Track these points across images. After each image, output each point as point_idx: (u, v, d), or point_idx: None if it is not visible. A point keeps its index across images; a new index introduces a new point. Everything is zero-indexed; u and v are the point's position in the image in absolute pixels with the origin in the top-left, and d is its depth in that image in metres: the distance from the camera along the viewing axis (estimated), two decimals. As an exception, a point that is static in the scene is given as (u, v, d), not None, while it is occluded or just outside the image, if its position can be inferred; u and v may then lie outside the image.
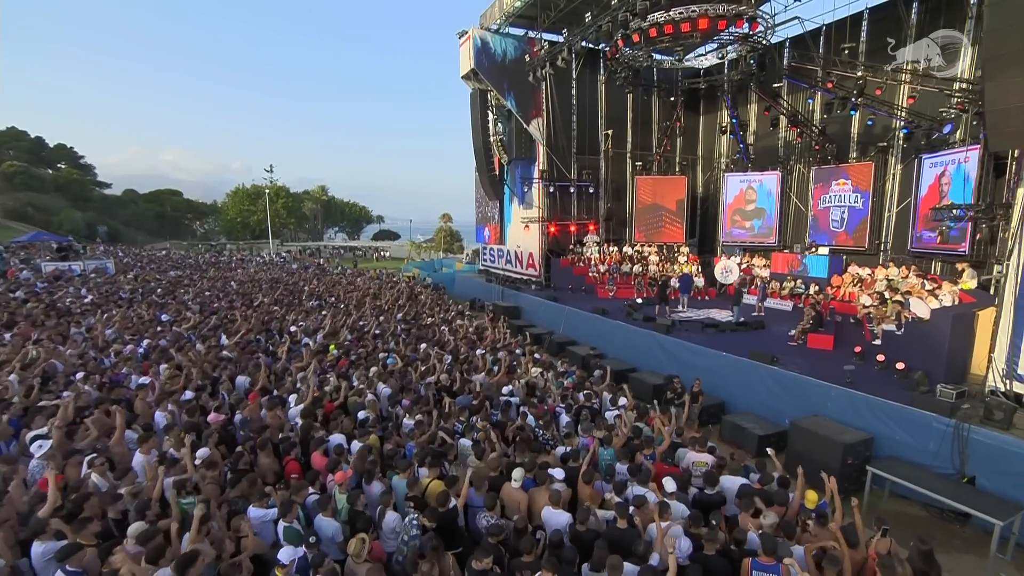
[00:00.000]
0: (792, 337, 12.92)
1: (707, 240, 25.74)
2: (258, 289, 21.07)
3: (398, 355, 11.40)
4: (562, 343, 16.52)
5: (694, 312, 17.21)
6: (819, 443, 8.36)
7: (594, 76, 23.66)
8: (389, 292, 22.38)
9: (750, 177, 22.39)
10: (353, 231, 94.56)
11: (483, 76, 22.05)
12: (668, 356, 13.26)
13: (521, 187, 23.90)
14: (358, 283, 25.66)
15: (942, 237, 12.32)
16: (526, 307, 21.40)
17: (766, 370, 10.78)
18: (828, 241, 19.89)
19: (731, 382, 11.36)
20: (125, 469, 5.16)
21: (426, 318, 16.97)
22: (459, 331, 14.42)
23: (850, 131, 19.65)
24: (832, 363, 11.08)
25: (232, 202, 71.95)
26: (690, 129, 25.33)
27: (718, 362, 11.89)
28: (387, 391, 8.91)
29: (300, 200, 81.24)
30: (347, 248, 70.91)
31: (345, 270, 33.74)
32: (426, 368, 10.48)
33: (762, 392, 10.72)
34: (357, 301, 19.18)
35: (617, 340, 15.26)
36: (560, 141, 22.98)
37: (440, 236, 78.72)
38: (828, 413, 9.35)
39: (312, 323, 14.61)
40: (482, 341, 13.67)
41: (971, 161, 15.26)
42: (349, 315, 15.89)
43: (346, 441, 6.91)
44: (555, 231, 23.64)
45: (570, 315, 17.95)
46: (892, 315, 11.18)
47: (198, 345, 10.73)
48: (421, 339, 13.38)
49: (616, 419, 8.22)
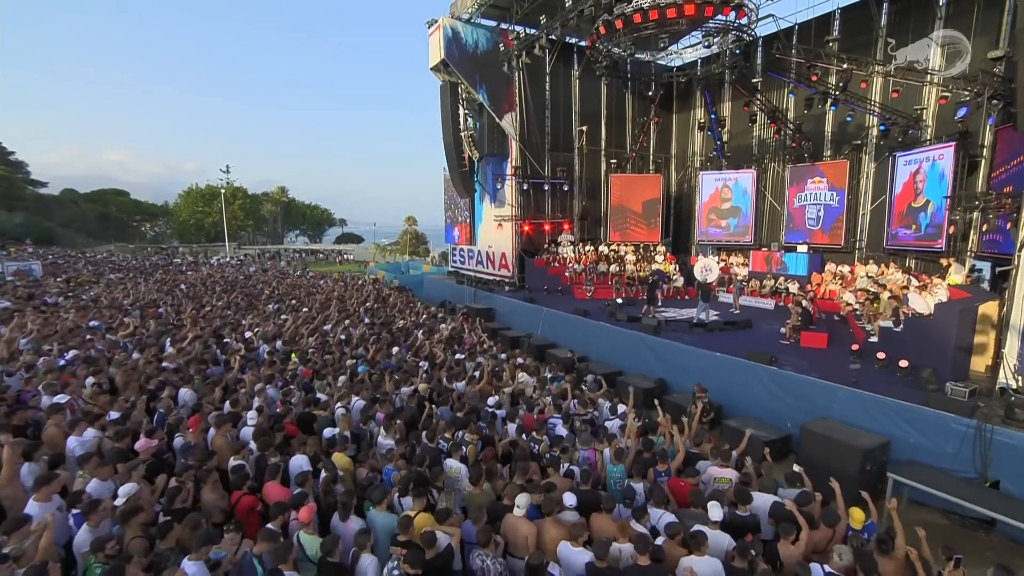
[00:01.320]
0: (784, 336, 12.46)
1: (681, 239, 25.48)
2: (211, 292, 19.36)
3: (368, 362, 10.28)
4: (542, 346, 15.65)
5: (677, 312, 16.68)
6: (834, 448, 7.76)
7: (568, 71, 23.02)
8: (355, 294, 21.05)
9: (725, 175, 22.19)
10: (315, 234, 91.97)
11: (454, 68, 21.05)
12: (657, 358, 12.58)
13: (493, 184, 22.99)
14: (321, 285, 24.14)
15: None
16: (500, 309, 20.47)
17: (765, 371, 10.20)
18: (805, 239, 19.83)
19: (728, 384, 10.74)
20: (16, 520, 3.92)
21: (397, 321, 15.81)
22: (434, 334, 13.35)
23: (824, 129, 19.68)
24: (829, 362, 10.63)
25: (185, 203, 68.21)
26: (663, 127, 25.01)
27: (712, 363, 11.27)
28: (359, 404, 7.81)
29: (259, 202, 78.03)
30: (309, 251, 68.70)
31: (307, 272, 32.02)
32: (400, 376, 9.41)
33: (762, 394, 10.13)
34: (321, 304, 17.81)
35: (601, 342, 14.51)
36: (534, 137, 22.19)
37: (405, 239, 77.11)
38: (834, 415, 8.80)
39: (271, 328, 13.25)
40: (460, 345, 12.66)
41: (945, 158, 15.33)
42: (312, 319, 14.59)
43: (311, 465, 5.82)
44: (529, 230, 22.83)
45: (549, 317, 17.12)
46: (887, 311, 10.82)
47: (135, 355, 9.28)
48: (393, 344, 12.26)
49: (620, 430, 7.40)
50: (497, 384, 9.07)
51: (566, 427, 7.62)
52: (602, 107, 23.99)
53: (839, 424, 8.32)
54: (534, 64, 21.46)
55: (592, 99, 23.73)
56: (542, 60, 21.87)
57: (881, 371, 9.83)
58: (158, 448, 5.52)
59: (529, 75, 21.45)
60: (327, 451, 6.21)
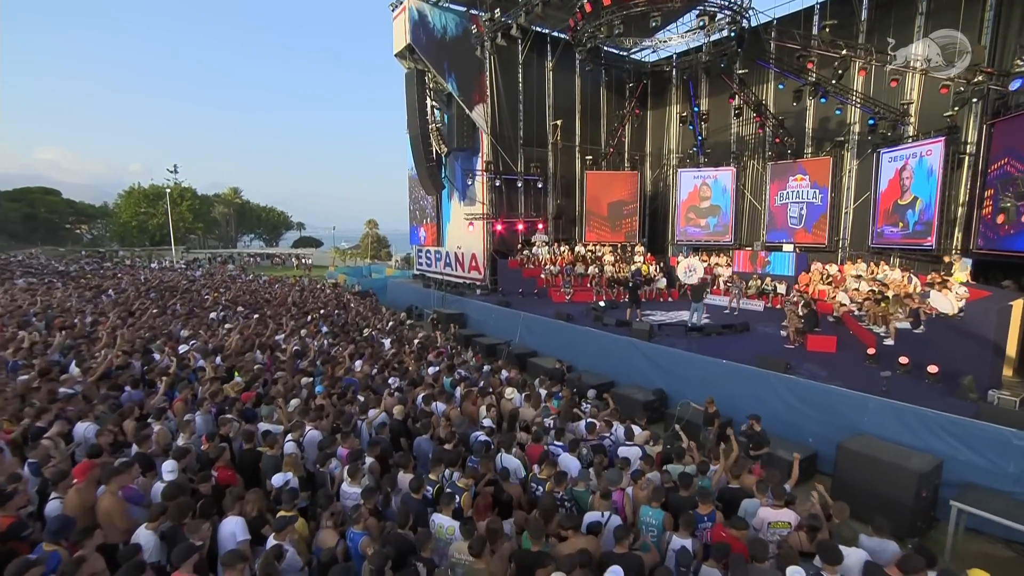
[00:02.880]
0: (788, 339, 11.52)
1: (657, 239, 24.67)
2: (145, 299, 17.02)
3: (328, 379, 8.62)
4: (522, 355, 14.27)
5: (665, 315, 15.65)
6: (880, 471, 6.69)
7: (542, 62, 21.84)
8: (312, 300, 19.11)
9: (704, 173, 21.49)
10: (271, 238, 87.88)
11: (420, 54, 19.54)
12: (654, 367, 11.40)
13: (463, 180, 21.51)
14: (276, 291, 21.99)
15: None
16: (473, 314, 18.99)
17: (780, 380, 9.16)
18: (787, 238, 19.28)
19: (736, 395, 9.64)
20: None
21: (361, 329, 14.10)
22: (405, 344, 11.76)
23: (805, 126, 19.22)
24: (845, 368, 9.70)
25: (126, 204, 63.15)
26: (638, 125, 24.18)
27: (717, 372, 10.16)
28: (314, 435, 6.21)
29: (209, 204, 73.60)
30: (264, 255, 65.28)
31: (260, 277, 29.57)
32: (367, 396, 7.83)
33: (777, 406, 9.07)
34: (273, 312, 15.85)
35: (588, 349, 13.25)
36: (506, 131, 20.87)
37: (366, 242, 74.58)
38: (867, 430, 7.79)
39: (212, 340, 11.33)
40: (436, 356, 11.11)
41: (934, 154, 14.93)
42: (265, 328, 12.72)
43: (247, 530, 4.23)
44: (501, 229, 21.46)
45: (528, 322, 15.76)
46: (900, 312, 10.00)
47: (22, 376, 7.31)
48: (357, 356, 10.61)
49: (642, 460, 6.10)
50: (484, 403, 7.61)
51: (573, 456, 6.27)
52: (576, 101, 22.97)
53: (880, 442, 7.28)
54: (507, 53, 20.19)
55: (567, 93, 22.66)
56: (515, 50, 20.63)
57: (906, 377, 8.94)
58: (11, 523, 3.76)
59: (501, 65, 20.15)
60: (274, 508, 4.63)
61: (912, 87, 16.04)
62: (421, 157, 20.82)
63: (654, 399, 10.60)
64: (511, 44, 20.35)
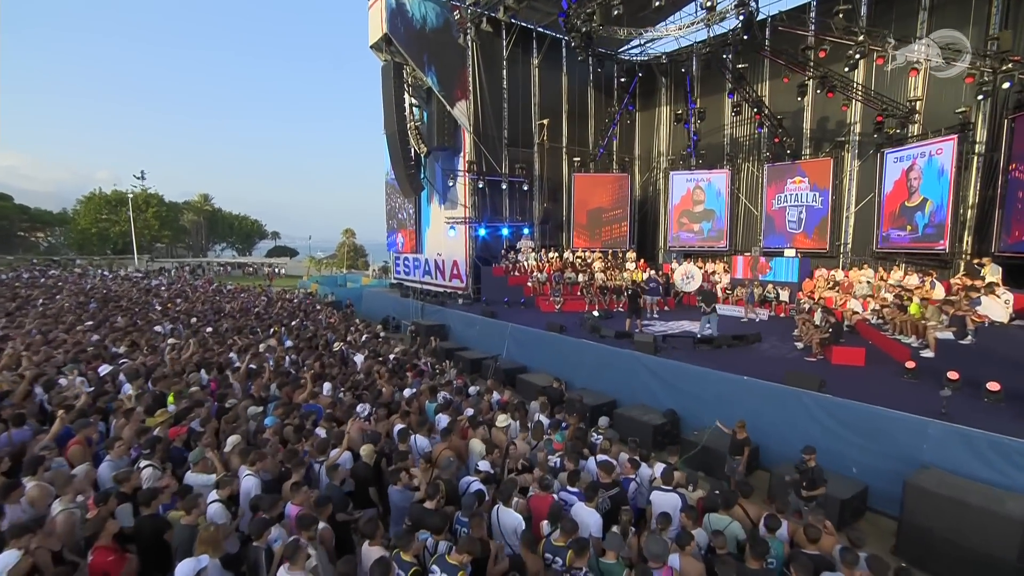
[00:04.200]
0: (809, 351, 10.34)
1: (647, 246, 23.59)
2: (82, 311, 15.08)
3: (283, 409, 7.02)
4: (511, 370, 12.85)
5: (665, 325, 14.42)
6: (969, 519, 5.44)
7: (528, 59, 20.67)
8: (279, 311, 17.39)
9: (697, 176, 20.52)
10: (244, 247, 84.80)
11: (398, 44, 18.16)
12: (662, 384, 10.07)
13: (443, 182, 20.08)
14: (242, 298, 20.16)
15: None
16: (455, 326, 17.48)
17: (814, 399, 7.91)
18: (786, 243, 18.34)
19: (762, 418, 8.36)
20: None
21: (331, 343, 12.48)
22: (379, 360, 10.21)
23: (803, 126, 18.40)
24: (879, 384, 8.52)
25: (86, 210, 59.78)
26: (627, 127, 23.18)
27: (738, 390, 8.88)
28: (250, 484, 4.67)
29: (178, 211, 70.52)
30: (235, 264, 62.64)
31: (225, 286, 27.53)
32: (329, 429, 6.29)
33: (812, 430, 7.80)
34: (232, 324, 14.11)
35: (585, 365, 11.87)
36: (489, 129, 19.55)
37: (343, 251, 72.51)
38: (928, 461, 6.57)
39: (150, 359, 9.60)
40: (414, 374, 9.59)
41: (944, 153, 14.15)
42: (220, 343, 11.03)
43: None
44: (485, 234, 20.08)
45: (516, 334, 14.33)
46: (941, 320, 8.90)
47: None
48: (322, 377, 9.03)
49: (681, 511, 4.72)
50: (477, 436, 6.14)
51: (591, 507, 4.85)
52: (564, 101, 21.84)
53: (956, 478, 6.04)
54: (490, 48, 18.98)
55: (553, 92, 21.53)
56: (499, 44, 19.44)
57: (957, 396, 7.76)
58: None
59: (485, 59, 18.89)
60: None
61: (916, 85, 15.35)
62: (399, 156, 19.34)
63: (665, 422, 9.26)
64: (495, 38, 19.20)
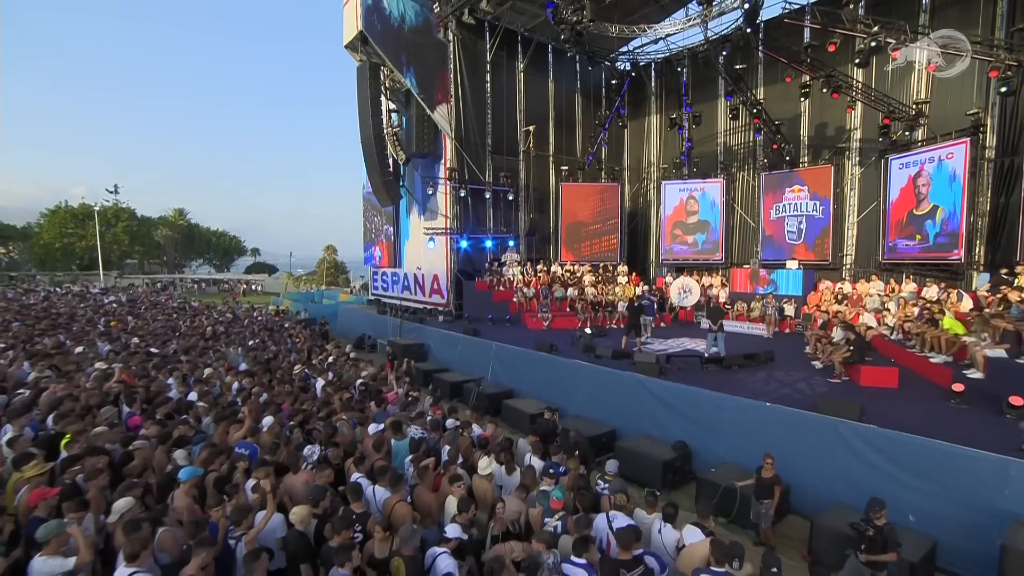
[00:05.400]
0: (832, 372, 9.16)
1: (637, 259, 22.50)
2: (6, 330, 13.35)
3: (207, 453, 5.54)
4: (496, 395, 11.47)
5: (664, 343, 13.20)
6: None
7: (512, 63, 19.69)
8: (240, 331, 15.81)
9: (691, 185, 19.57)
10: (222, 263, 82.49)
11: (374, 43, 17.01)
12: (670, 412, 8.77)
13: (423, 190, 18.79)
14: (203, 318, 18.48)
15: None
16: (434, 345, 16.05)
17: (855, 431, 6.68)
18: (785, 255, 17.36)
19: (791, 452, 7.10)
20: None
21: (292, 366, 10.98)
22: (341, 389, 8.73)
23: (800, 133, 17.60)
24: (924, 412, 7.37)
25: (50, 224, 57.14)
26: (615, 137, 22.29)
27: (762, 420, 7.62)
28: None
29: (151, 225, 68.14)
30: (210, 281, 60.51)
31: (189, 302, 25.77)
32: (264, 479, 4.84)
33: (854, 468, 6.57)
34: (184, 345, 12.52)
35: (579, 389, 10.55)
36: (472, 135, 18.40)
37: (322, 268, 70.76)
38: (1009, 508, 5.36)
39: (60, 387, 8.01)
40: (379, 404, 8.14)
41: (956, 158, 13.33)
42: (159, 368, 9.46)
43: None
44: (467, 247, 18.80)
45: (502, 354, 12.98)
46: (991, 336, 7.81)
47: None
48: (274, 404, 7.56)
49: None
50: (453, 490, 4.75)
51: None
52: (551, 107, 20.89)
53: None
54: (473, 49, 17.94)
55: (540, 97, 20.57)
56: (483, 46, 18.43)
57: (1015, 423, 6.63)
58: None
59: (467, 62, 17.82)
60: None
61: (920, 87, 14.65)
62: (374, 161, 18.03)
63: (675, 456, 7.95)
64: (478, 40, 18.19)
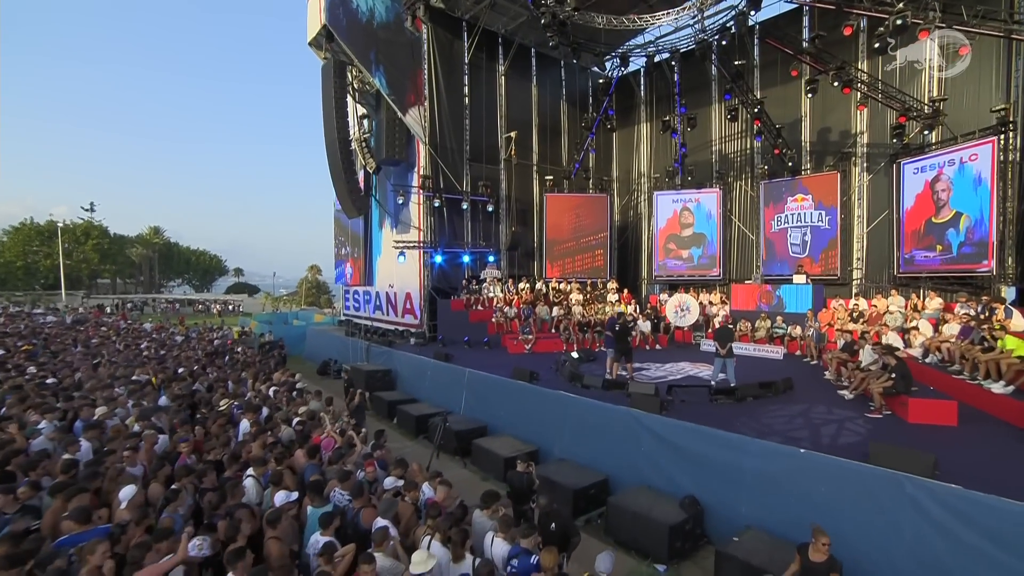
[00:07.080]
0: (873, 407, 7.52)
1: (628, 275, 20.97)
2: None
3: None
4: (466, 433, 9.67)
5: (661, 368, 11.53)
6: None
7: (493, 65, 18.35)
8: (177, 356, 13.90)
9: (685, 196, 18.18)
10: (203, 283, 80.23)
11: (340, 39, 15.60)
12: (673, 455, 7.05)
13: (394, 201, 17.15)
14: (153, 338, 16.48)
15: None
16: (403, 371, 14.27)
17: (926, 491, 5.01)
18: (788, 270, 15.90)
19: (838, 517, 5.42)
20: None
21: (217, 396, 9.13)
22: (264, 433, 6.89)
23: (801, 138, 16.35)
24: (1008, 460, 5.75)
25: (12, 242, 54.68)
26: (603, 147, 20.97)
27: (789, 468, 5.94)
28: None
29: (124, 244, 65.84)
30: (186, 302, 58.21)
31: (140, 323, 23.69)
32: None
33: (932, 541, 4.89)
34: (88, 375, 10.57)
35: (565, 426, 8.79)
36: (448, 141, 16.91)
37: (303, 288, 68.68)
38: None
39: None
40: (308, 458, 6.30)
41: (980, 159, 12.02)
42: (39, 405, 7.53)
43: None
44: (443, 262, 17.14)
45: (475, 383, 11.22)
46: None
47: None
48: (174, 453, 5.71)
49: None
50: None
51: None
52: (534, 114, 19.56)
53: None
54: (449, 50, 16.59)
55: (522, 103, 19.25)
56: (460, 46, 17.10)
57: None
58: None
59: (443, 62, 16.42)
60: None
61: (932, 85, 13.49)
62: (339, 168, 16.39)
63: (685, 518, 6.20)
64: (455, 39, 16.85)
